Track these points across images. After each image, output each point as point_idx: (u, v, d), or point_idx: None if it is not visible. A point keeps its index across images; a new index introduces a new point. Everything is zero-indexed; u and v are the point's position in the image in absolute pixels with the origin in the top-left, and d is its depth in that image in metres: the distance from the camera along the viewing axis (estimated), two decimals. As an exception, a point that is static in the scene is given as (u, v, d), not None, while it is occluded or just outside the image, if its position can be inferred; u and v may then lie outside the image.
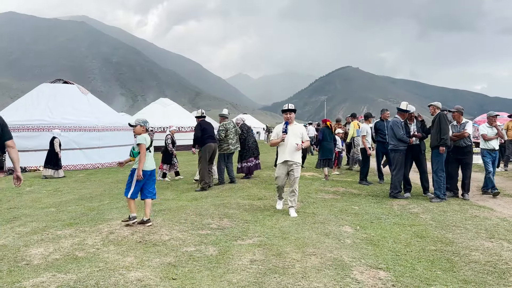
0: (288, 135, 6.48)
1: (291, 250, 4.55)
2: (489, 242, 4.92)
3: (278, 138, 6.60)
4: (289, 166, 6.49)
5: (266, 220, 6.07)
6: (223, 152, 9.87)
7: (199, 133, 9.42)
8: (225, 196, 8.27)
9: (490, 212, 6.70)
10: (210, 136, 9.50)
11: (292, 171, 6.49)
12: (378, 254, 4.51)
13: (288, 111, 6.61)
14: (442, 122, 7.64)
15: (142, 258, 4.31)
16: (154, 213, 6.54)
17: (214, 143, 9.55)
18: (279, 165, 6.64)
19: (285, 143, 6.48)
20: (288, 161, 6.46)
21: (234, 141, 9.96)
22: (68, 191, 10.19)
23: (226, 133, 9.74)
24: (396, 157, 8.21)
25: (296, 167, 6.51)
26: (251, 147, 10.62)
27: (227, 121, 10.03)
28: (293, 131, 6.55)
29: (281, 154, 6.61)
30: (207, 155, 9.39)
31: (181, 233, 5.26)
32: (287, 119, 6.60)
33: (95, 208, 7.41)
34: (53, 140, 13.11)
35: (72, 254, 4.53)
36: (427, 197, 8.13)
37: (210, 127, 9.70)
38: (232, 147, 9.88)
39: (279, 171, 6.65)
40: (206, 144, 9.39)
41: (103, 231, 5.45)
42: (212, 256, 4.34)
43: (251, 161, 10.58)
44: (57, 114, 15.73)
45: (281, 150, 6.64)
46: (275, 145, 6.79)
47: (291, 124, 6.64)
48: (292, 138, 6.48)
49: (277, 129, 6.77)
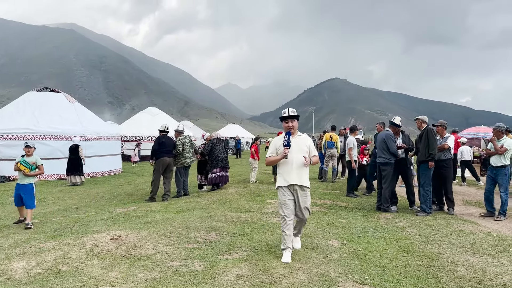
0: (292, 150, 4.80)
1: (278, 265, 4.53)
2: (474, 257, 4.96)
3: (278, 155, 4.91)
4: (295, 191, 4.85)
5: (254, 234, 6.03)
6: (180, 165, 10.33)
7: (156, 147, 9.95)
8: (212, 208, 8.23)
9: (475, 226, 6.76)
10: (167, 151, 9.97)
11: (299, 198, 4.84)
12: (365, 269, 4.51)
13: (289, 118, 4.93)
14: (430, 137, 7.70)
15: (127, 273, 4.25)
16: (140, 226, 6.46)
17: (169, 158, 10.02)
18: (282, 189, 4.89)
19: (288, 161, 4.81)
20: (294, 185, 4.82)
21: (190, 154, 10.49)
22: (52, 202, 10.05)
23: (183, 147, 10.19)
24: (387, 171, 8.26)
25: (305, 193, 4.88)
26: (216, 158, 10.61)
27: (182, 135, 10.50)
28: (298, 144, 4.90)
29: (284, 175, 4.89)
30: (161, 168, 9.86)
31: (167, 247, 5.20)
32: (289, 128, 4.91)
33: (80, 220, 7.31)
34: (77, 148, 13.81)
35: (55, 268, 4.44)
36: (413, 210, 8.19)
37: (170, 142, 10.18)
38: (188, 160, 10.40)
39: (284, 196, 4.84)
40: (161, 158, 9.86)
41: (88, 244, 5.36)
42: (198, 271, 4.29)
43: (217, 172, 10.59)
44: (43, 123, 15.56)
45: (283, 170, 4.91)
46: (273, 163, 5.07)
47: (294, 135, 4.97)
48: (297, 153, 4.84)
49: (275, 143, 5.04)
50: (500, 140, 7.68)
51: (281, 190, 4.90)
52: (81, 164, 13.89)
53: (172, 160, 10.13)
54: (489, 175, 7.86)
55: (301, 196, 4.85)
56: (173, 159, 10.15)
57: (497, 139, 7.73)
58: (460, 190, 11.26)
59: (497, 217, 7.45)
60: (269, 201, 9.05)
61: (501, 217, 7.42)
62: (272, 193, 10.18)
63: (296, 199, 4.87)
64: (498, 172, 7.62)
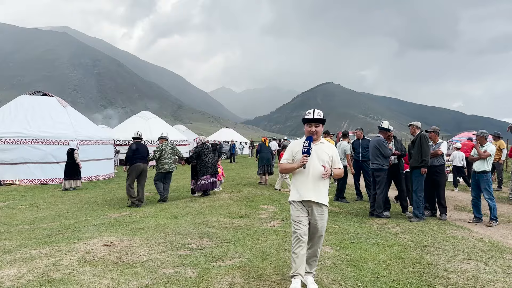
0: (311, 159, 4.08)
1: (271, 272, 4.52)
2: (466, 264, 4.98)
3: (295, 162, 4.21)
4: (310, 208, 4.11)
5: (247, 240, 6.02)
6: (159, 171, 10.58)
7: (130, 153, 10.17)
8: (206, 213, 8.20)
9: (467, 232, 6.80)
10: (140, 157, 10.17)
11: (315, 218, 4.10)
12: (358, 276, 4.51)
13: (314, 121, 4.18)
14: (423, 143, 7.77)
15: (119, 280, 4.21)
16: (133, 232, 6.43)
17: (143, 164, 10.21)
18: (295, 204, 4.19)
19: (305, 171, 4.10)
20: (309, 201, 4.08)
21: (171, 161, 10.70)
22: (44, 207, 9.97)
23: (161, 153, 10.49)
24: (381, 177, 8.29)
25: (322, 212, 4.13)
26: (205, 165, 10.60)
27: (165, 142, 10.80)
28: (319, 153, 4.14)
29: (298, 187, 4.16)
30: (134, 174, 10.05)
31: (160, 253, 5.17)
32: (312, 133, 4.15)
33: (72, 226, 7.25)
34: (72, 152, 13.69)
35: (46, 275, 4.39)
36: (406, 216, 8.22)
37: (143, 149, 10.43)
38: (167, 166, 10.62)
39: (298, 212, 4.13)
40: (135, 164, 10.06)
41: (79, 250, 5.31)
42: (191, 279, 4.27)
43: (206, 178, 10.59)
44: (35, 127, 15.47)
45: (298, 181, 4.19)
46: (288, 171, 4.34)
47: (317, 142, 4.22)
48: (317, 163, 4.11)
49: (293, 148, 4.31)
50: (483, 146, 7.81)
51: (294, 206, 4.18)
52: (78, 168, 13.80)
53: (146, 166, 10.42)
54: (473, 182, 7.98)
55: (317, 216, 4.09)
56: (147, 165, 10.45)
57: (480, 145, 7.86)
58: (453, 195, 11.33)
59: (489, 223, 7.51)
60: (263, 207, 9.04)
61: (493, 223, 7.49)
62: (266, 199, 10.17)
63: (311, 218, 4.12)
64: (480, 178, 7.73)
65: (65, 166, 13.69)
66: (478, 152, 7.77)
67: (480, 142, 7.92)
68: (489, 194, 7.64)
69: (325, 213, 4.14)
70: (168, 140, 10.90)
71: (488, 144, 7.86)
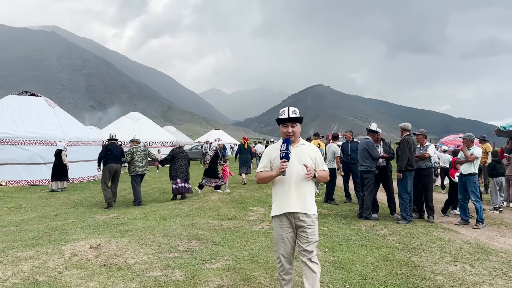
0: (292, 164, 3.49)
1: (259, 275, 4.51)
2: (453, 266, 5.03)
3: (273, 170, 3.58)
4: (297, 221, 3.50)
5: (236, 242, 6.01)
6: (131, 173, 10.61)
7: (103, 154, 10.41)
8: (195, 215, 8.17)
9: (454, 234, 6.87)
10: (114, 158, 10.35)
11: (304, 230, 3.48)
12: (346, 278, 4.53)
13: (289, 121, 3.62)
14: (401, 148, 7.88)
15: (106, 283, 4.18)
16: (120, 234, 6.38)
17: (116, 164, 10.38)
18: (277, 220, 3.57)
19: (286, 179, 3.50)
20: (294, 213, 3.48)
21: (143, 163, 10.70)
22: (31, 208, 9.85)
23: (132, 156, 10.52)
24: (369, 178, 8.34)
25: (310, 222, 3.50)
26: (177, 169, 10.79)
27: (137, 145, 10.85)
28: (300, 156, 3.57)
29: (279, 199, 3.57)
30: (107, 174, 10.20)
31: (148, 256, 5.13)
32: (288, 134, 3.59)
33: (59, 227, 7.17)
34: (60, 153, 13.61)
35: (32, 278, 4.34)
36: (394, 218, 8.28)
37: (117, 150, 10.63)
38: (139, 169, 10.60)
39: (280, 229, 3.54)
40: (108, 165, 10.23)
41: (66, 253, 5.25)
42: (179, 282, 4.25)
43: (177, 183, 10.75)
44: (22, 127, 15.28)
45: (278, 191, 3.59)
46: (266, 181, 3.62)
47: (296, 144, 3.64)
48: (298, 168, 3.51)
49: (269, 153, 3.70)
50: (470, 149, 7.91)
51: (276, 222, 3.57)
52: (65, 169, 13.67)
53: (120, 167, 10.57)
54: (460, 184, 8.07)
55: (303, 228, 3.48)
56: (120, 166, 10.60)
57: (467, 148, 7.96)
58: (440, 198, 11.43)
59: (475, 225, 7.59)
60: (252, 209, 9.05)
61: (480, 225, 7.57)
62: (255, 201, 10.18)
63: (296, 233, 3.53)
64: (466, 181, 7.82)
65: (52, 167, 13.54)
66: (465, 155, 7.86)
67: (466, 145, 8.02)
68: (476, 196, 7.73)
69: (314, 223, 3.52)
70: (139, 143, 11.09)
71: (474, 147, 7.96)
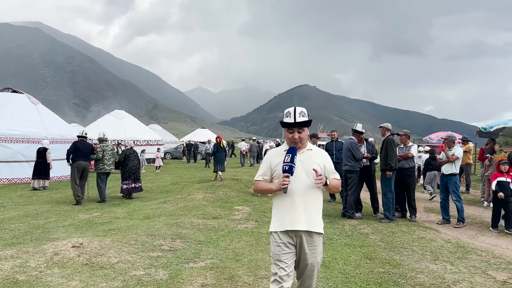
0: (298, 173, 2.96)
1: (243, 273, 4.52)
2: (434, 265, 5.11)
3: (273, 183, 3.06)
4: (298, 239, 2.98)
5: (220, 241, 6.01)
6: (99, 171, 10.77)
7: (71, 150, 10.45)
8: (179, 214, 8.14)
9: (435, 233, 6.98)
10: (82, 155, 10.46)
11: (305, 252, 2.98)
12: (329, 276, 4.57)
13: (295, 125, 2.99)
14: (389, 147, 7.95)
15: (88, 282, 4.14)
16: (103, 233, 6.31)
17: (85, 162, 10.50)
18: (276, 236, 3.01)
19: (289, 194, 2.95)
20: (297, 231, 2.96)
21: (110, 162, 10.92)
22: (12, 207, 9.68)
23: (103, 153, 10.70)
24: (352, 178, 8.42)
25: (314, 242, 3.00)
26: (129, 170, 11.02)
27: (105, 143, 11.03)
28: (306, 164, 3.00)
29: (281, 212, 3.03)
30: (76, 171, 10.27)
31: (131, 255, 5.10)
32: (294, 142, 3.03)
33: (41, 226, 7.06)
34: (45, 152, 13.41)
35: (12, 277, 4.27)
36: (377, 217, 8.38)
37: (86, 147, 10.70)
38: (107, 167, 10.82)
39: (278, 248, 2.97)
40: (77, 162, 10.34)
41: (48, 252, 5.18)
42: (162, 281, 4.23)
43: (128, 183, 10.99)
44: (3, 124, 14.97)
45: (279, 204, 3.05)
46: (264, 193, 3.19)
47: (302, 150, 3.06)
48: (304, 179, 2.98)
49: (271, 159, 3.13)
50: (451, 149, 8.05)
51: (275, 238, 3.00)
52: (48, 167, 13.46)
53: (88, 164, 10.67)
54: (442, 184, 8.20)
55: (308, 249, 2.97)
56: (89, 163, 10.72)
57: (448, 148, 8.10)
58: (423, 197, 11.60)
59: (456, 224, 7.73)
60: (237, 208, 9.05)
61: (460, 224, 7.71)
62: (240, 200, 10.18)
63: (299, 253, 3.00)
64: (448, 181, 7.97)
65: (34, 165, 13.31)
66: (447, 155, 8.00)
67: (448, 145, 8.15)
68: (457, 196, 7.86)
69: (319, 243, 3.02)
70: (107, 141, 11.18)
71: (456, 148, 8.10)
